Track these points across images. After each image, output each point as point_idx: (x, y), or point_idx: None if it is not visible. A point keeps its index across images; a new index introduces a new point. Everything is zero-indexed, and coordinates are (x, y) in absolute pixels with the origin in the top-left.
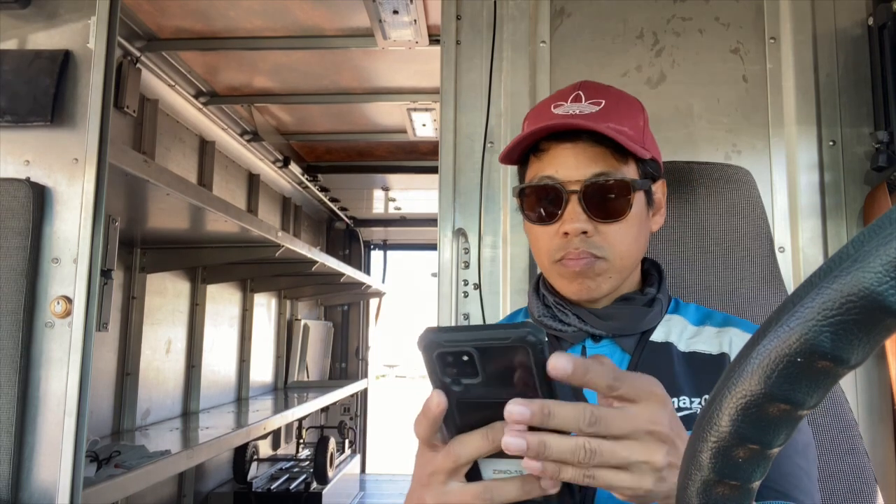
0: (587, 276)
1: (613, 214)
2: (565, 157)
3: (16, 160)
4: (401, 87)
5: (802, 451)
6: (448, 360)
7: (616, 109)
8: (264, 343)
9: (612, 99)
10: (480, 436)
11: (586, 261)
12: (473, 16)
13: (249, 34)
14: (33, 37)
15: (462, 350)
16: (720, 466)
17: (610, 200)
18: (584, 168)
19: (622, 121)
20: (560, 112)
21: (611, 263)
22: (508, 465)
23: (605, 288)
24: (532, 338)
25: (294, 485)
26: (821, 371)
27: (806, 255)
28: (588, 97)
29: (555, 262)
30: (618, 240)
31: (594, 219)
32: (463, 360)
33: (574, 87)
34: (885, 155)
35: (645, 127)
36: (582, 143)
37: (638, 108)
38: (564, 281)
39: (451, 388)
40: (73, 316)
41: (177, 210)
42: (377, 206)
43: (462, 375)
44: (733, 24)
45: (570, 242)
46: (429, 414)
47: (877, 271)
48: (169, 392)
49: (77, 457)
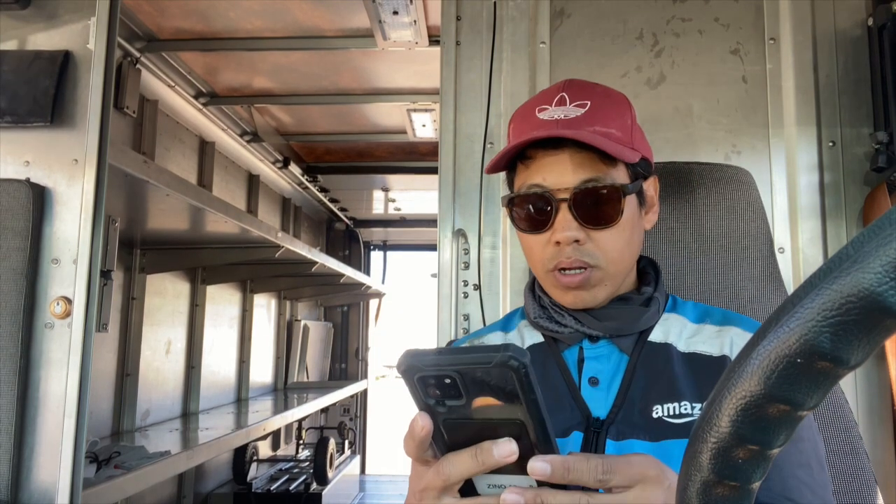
0: (583, 288)
1: (605, 221)
2: (552, 164)
3: (15, 161)
4: (401, 88)
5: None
6: (430, 383)
7: (602, 110)
8: (264, 344)
9: (598, 99)
10: (469, 455)
11: (581, 276)
12: (473, 16)
13: (249, 35)
14: (33, 37)
15: (444, 374)
16: (720, 467)
17: (600, 207)
18: (571, 175)
19: (609, 122)
20: (545, 117)
21: (605, 271)
22: (503, 480)
23: (602, 297)
24: (514, 362)
25: (294, 485)
26: (821, 372)
27: (806, 256)
28: (573, 99)
29: (549, 272)
30: (610, 246)
31: (585, 226)
32: (445, 383)
33: (558, 87)
34: (884, 155)
35: (633, 124)
36: (568, 149)
37: (625, 104)
38: (559, 292)
39: (435, 409)
40: (73, 316)
41: (177, 211)
42: (377, 206)
43: (446, 397)
44: (733, 25)
45: (562, 251)
46: (415, 436)
47: (876, 272)
48: (169, 393)
49: (77, 457)
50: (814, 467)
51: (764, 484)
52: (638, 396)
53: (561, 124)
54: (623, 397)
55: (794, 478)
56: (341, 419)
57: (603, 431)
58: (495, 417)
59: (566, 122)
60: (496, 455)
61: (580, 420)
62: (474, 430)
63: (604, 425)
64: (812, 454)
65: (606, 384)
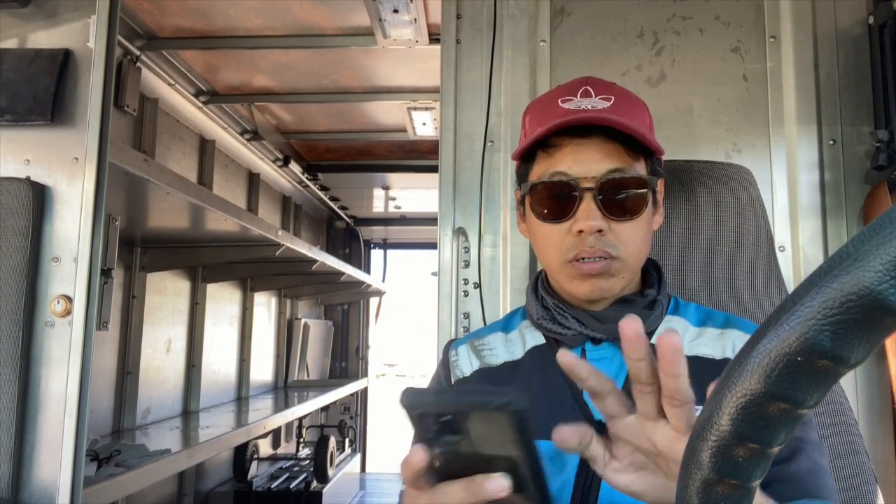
0: (602, 276)
1: (629, 212)
2: (579, 152)
3: (16, 159)
4: (401, 86)
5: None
6: (430, 420)
7: (626, 105)
8: (264, 342)
9: (620, 96)
10: (462, 488)
11: (603, 263)
12: (473, 15)
13: (249, 33)
14: (33, 36)
15: (444, 412)
16: (720, 465)
17: (625, 198)
18: (598, 164)
19: (634, 117)
20: (571, 107)
21: (624, 263)
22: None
23: (618, 288)
24: (514, 407)
25: (294, 484)
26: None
27: (806, 254)
28: (597, 92)
29: (566, 262)
30: (630, 238)
31: (609, 217)
32: (445, 421)
33: (580, 81)
34: (885, 154)
35: (651, 124)
36: (595, 139)
37: (643, 106)
38: (576, 281)
39: (433, 442)
40: (74, 315)
41: (177, 209)
42: (377, 205)
43: (444, 433)
44: (733, 23)
45: (583, 241)
46: (410, 468)
47: (877, 270)
48: (169, 391)
49: (77, 456)
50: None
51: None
52: None
53: (600, 112)
54: None
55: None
56: (342, 417)
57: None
58: (490, 453)
59: (601, 112)
60: (489, 489)
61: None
62: (469, 462)
63: (605, 428)
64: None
65: None
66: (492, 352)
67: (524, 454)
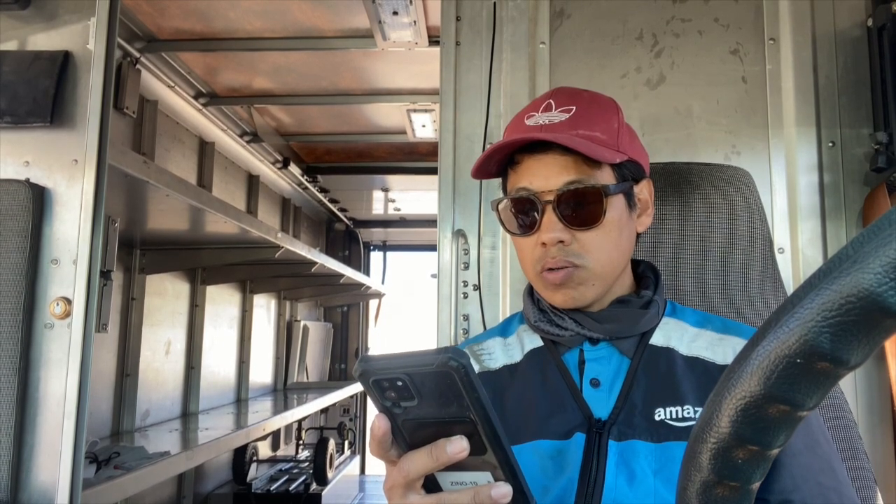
0: (568, 286)
1: (588, 221)
2: (537, 168)
3: (15, 161)
4: (400, 89)
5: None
6: (384, 386)
7: (587, 114)
8: (264, 344)
9: (584, 104)
10: (425, 453)
11: (564, 272)
12: (473, 17)
13: (249, 35)
14: (33, 38)
15: (395, 377)
16: (720, 467)
17: (583, 207)
18: (555, 177)
19: (593, 125)
20: (531, 123)
21: (591, 271)
22: (464, 477)
23: (590, 296)
24: (454, 363)
25: (294, 486)
26: (820, 372)
27: (805, 257)
28: (559, 105)
29: (538, 274)
30: (595, 246)
31: (570, 227)
32: (398, 385)
33: (547, 95)
34: (884, 156)
35: (620, 128)
36: (552, 153)
37: (612, 109)
38: (548, 292)
39: (392, 410)
40: (73, 317)
41: (176, 211)
42: (377, 207)
43: (400, 399)
44: (733, 26)
45: (548, 252)
46: (374, 437)
47: (876, 272)
48: (168, 393)
49: (76, 458)
50: (836, 468)
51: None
52: (640, 398)
53: (543, 129)
54: (625, 399)
55: (820, 485)
56: (341, 419)
57: (605, 432)
58: (448, 417)
59: (549, 127)
60: (449, 452)
61: (582, 421)
62: (432, 430)
63: (606, 426)
64: (831, 455)
65: (608, 386)
66: (490, 356)
67: (478, 415)
